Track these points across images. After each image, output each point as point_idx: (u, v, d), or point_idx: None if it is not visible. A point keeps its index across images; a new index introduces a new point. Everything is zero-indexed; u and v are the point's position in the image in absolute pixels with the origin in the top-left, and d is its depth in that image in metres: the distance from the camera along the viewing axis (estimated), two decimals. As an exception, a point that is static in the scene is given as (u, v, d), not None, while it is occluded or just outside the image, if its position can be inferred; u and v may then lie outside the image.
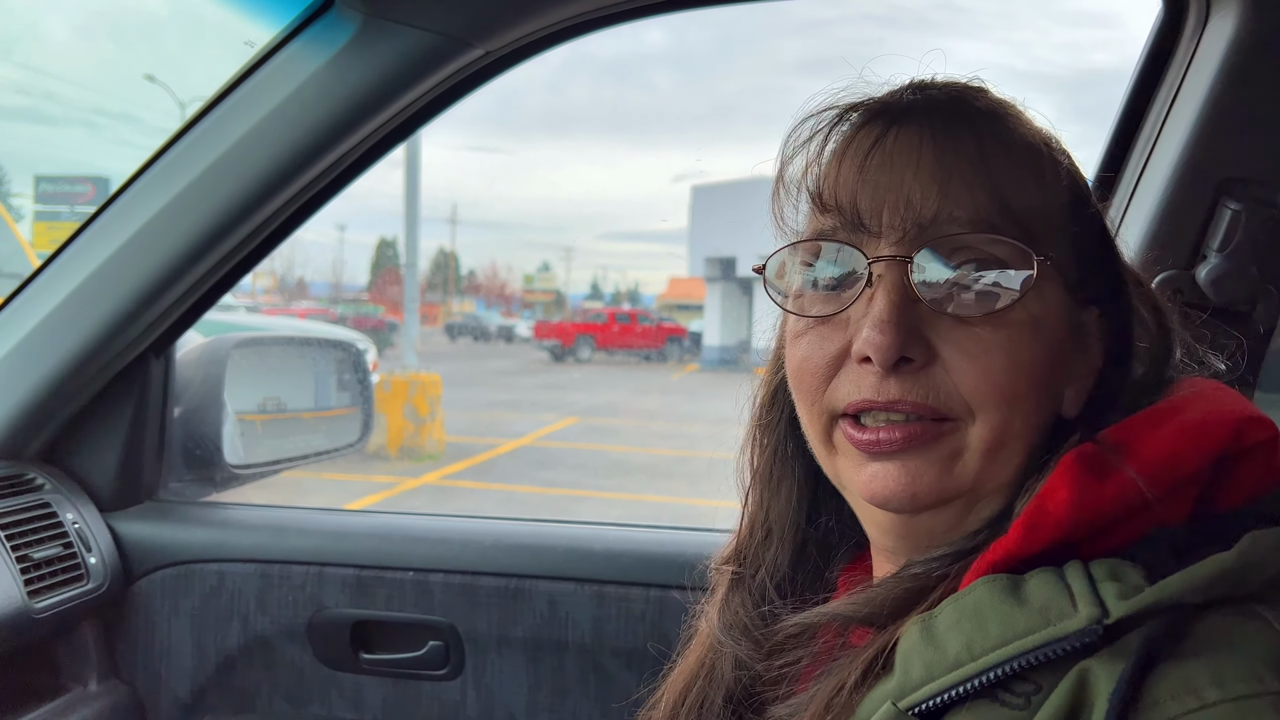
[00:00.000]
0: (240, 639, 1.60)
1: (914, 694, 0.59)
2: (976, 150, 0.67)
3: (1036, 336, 0.67)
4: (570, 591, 1.47)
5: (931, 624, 0.61)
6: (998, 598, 0.60)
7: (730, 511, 0.92)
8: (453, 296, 71.07)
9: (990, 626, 0.58)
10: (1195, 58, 1.24)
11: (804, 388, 0.73)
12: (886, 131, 0.69)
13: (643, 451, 12.15)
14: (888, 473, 0.68)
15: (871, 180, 0.68)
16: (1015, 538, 0.63)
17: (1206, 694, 0.52)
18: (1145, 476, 0.61)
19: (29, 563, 1.43)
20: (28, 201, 23.62)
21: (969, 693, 0.57)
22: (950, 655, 0.58)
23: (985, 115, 0.70)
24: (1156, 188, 1.25)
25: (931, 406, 0.67)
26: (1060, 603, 0.57)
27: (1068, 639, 0.56)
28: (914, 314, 0.66)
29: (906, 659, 0.61)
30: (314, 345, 2.59)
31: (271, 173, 1.41)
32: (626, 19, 1.37)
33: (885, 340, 0.65)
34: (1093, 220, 0.73)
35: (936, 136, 0.68)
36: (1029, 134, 0.71)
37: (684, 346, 32.63)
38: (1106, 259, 0.73)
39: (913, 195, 0.67)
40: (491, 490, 9.61)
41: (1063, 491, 0.62)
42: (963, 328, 0.66)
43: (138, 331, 1.54)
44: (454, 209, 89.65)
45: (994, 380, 0.66)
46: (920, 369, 0.67)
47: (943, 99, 0.71)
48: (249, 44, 1.38)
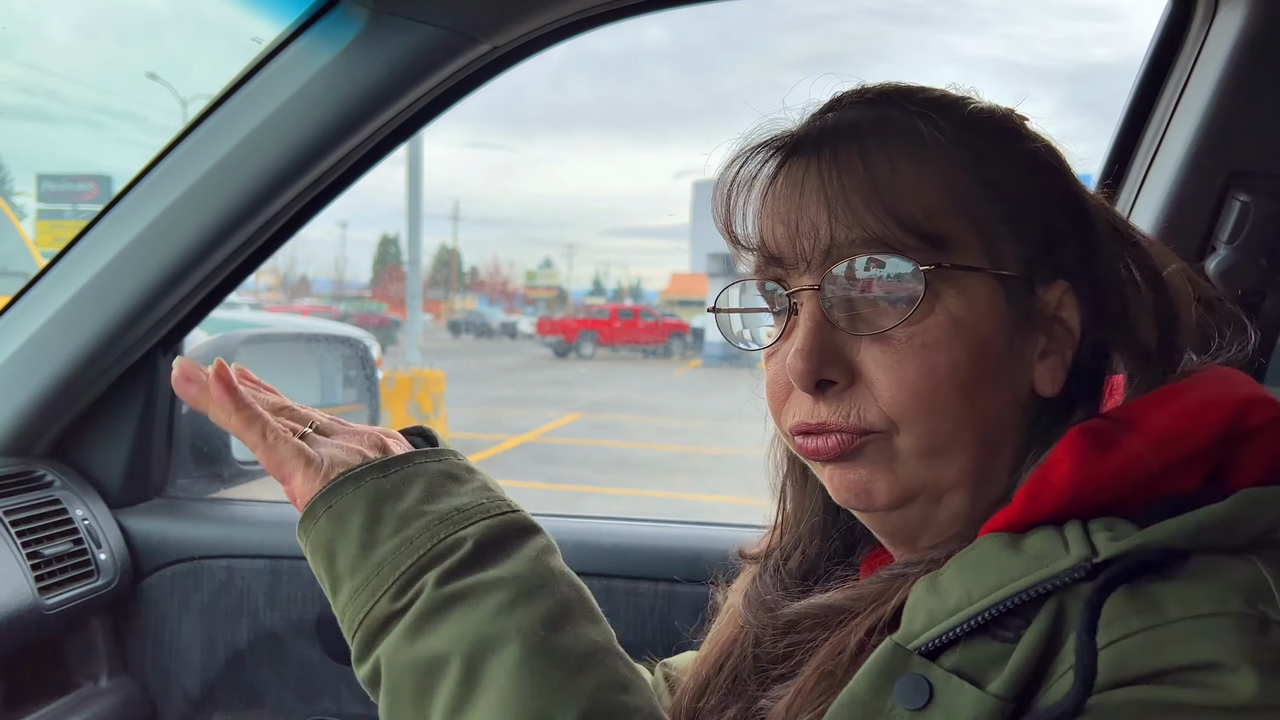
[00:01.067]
0: (250, 635, 1.61)
1: (915, 641, 0.61)
2: (862, 167, 0.69)
3: (956, 338, 0.68)
4: (579, 586, 1.47)
5: (936, 579, 0.64)
6: (997, 549, 0.62)
7: (733, 506, 0.92)
8: (455, 293, 71.09)
9: (988, 574, 0.61)
10: (1203, 50, 1.24)
11: (772, 410, 0.77)
12: (782, 164, 0.72)
13: (646, 447, 12.16)
14: (843, 475, 0.71)
15: (774, 214, 0.72)
16: (1017, 505, 0.64)
17: (1170, 611, 0.55)
18: (1149, 450, 0.62)
19: (39, 559, 1.44)
20: (30, 200, 23.68)
21: (966, 632, 0.60)
22: (951, 602, 0.61)
23: (874, 128, 0.71)
24: (1165, 180, 1.25)
25: (853, 424, 0.69)
26: (1055, 549, 0.60)
27: (1056, 576, 0.58)
28: (833, 338, 0.70)
29: (911, 612, 0.63)
30: (320, 342, 2.60)
31: (279, 169, 1.42)
32: (632, 14, 1.37)
33: (800, 366, 0.69)
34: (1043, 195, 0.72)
35: (823, 161, 0.70)
36: (923, 133, 0.70)
37: (687, 342, 32.63)
38: (1076, 230, 0.72)
39: (810, 224, 0.70)
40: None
41: (1065, 463, 0.63)
42: (880, 343, 0.69)
43: (146, 328, 1.55)
44: (456, 206, 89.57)
45: (909, 390, 0.68)
46: (844, 390, 0.70)
47: (833, 120, 0.73)
48: (256, 40, 1.38)
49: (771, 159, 0.74)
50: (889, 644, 0.61)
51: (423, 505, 0.75)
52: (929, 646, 0.60)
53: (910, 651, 0.60)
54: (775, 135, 0.75)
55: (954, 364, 0.68)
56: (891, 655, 0.61)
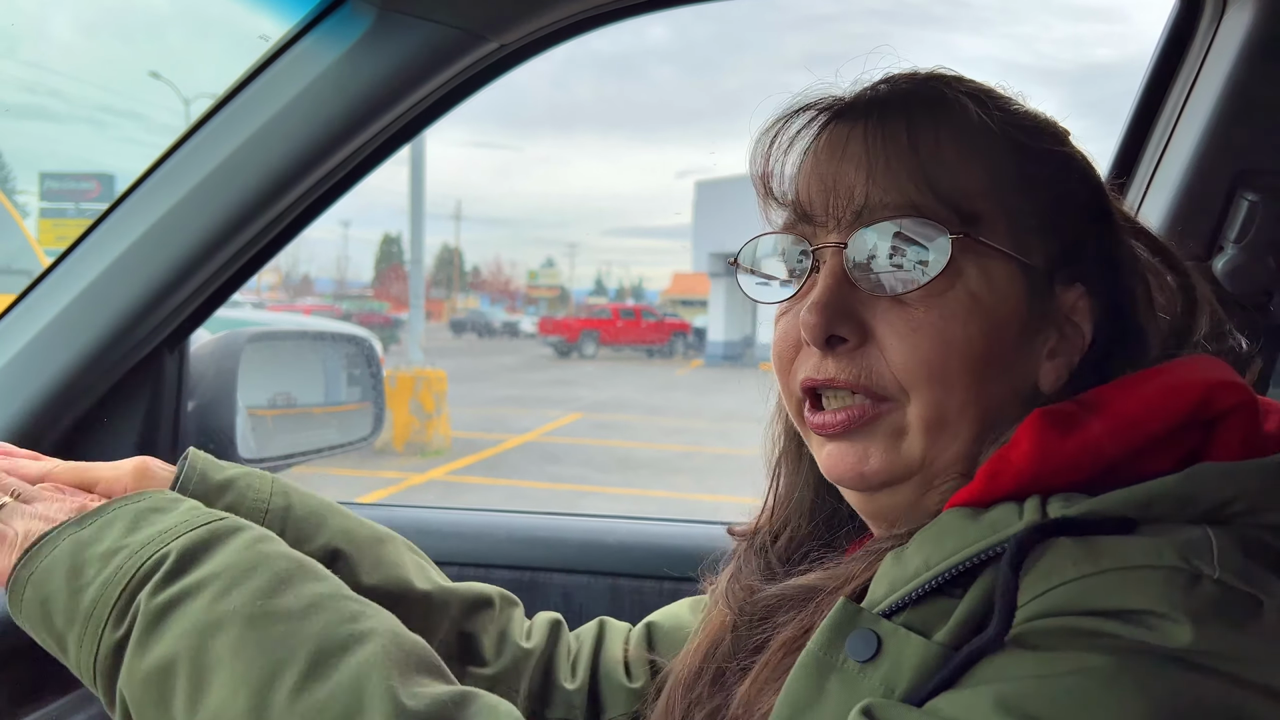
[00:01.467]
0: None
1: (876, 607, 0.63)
2: (906, 138, 0.71)
3: (974, 315, 0.69)
4: (584, 584, 1.47)
5: (902, 552, 0.66)
6: (958, 521, 0.64)
7: (736, 506, 0.93)
8: (457, 293, 71.13)
9: (946, 542, 0.63)
10: (1211, 49, 1.24)
11: (777, 369, 0.78)
12: (825, 127, 0.75)
13: (648, 447, 12.17)
14: (841, 452, 0.73)
15: (812, 173, 0.74)
16: (977, 483, 0.66)
17: (1104, 562, 0.56)
18: (1109, 430, 0.63)
19: (45, 556, 1.44)
20: (34, 198, 23.73)
21: (921, 594, 0.62)
22: (910, 570, 0.63)
23: (922, 104, 0.73)
24: (1173, 179, 1.25)
25: (865, 385, 0.71)
26: (1010, 518, 0.62)
27: (1007, 540, 0.60)
28: (850, 297, 0.71)
29: (877, 583, 0.65)
30: (326, 340, 2.59)
31: (285, 167, 1.42)
32: (637, 12, 1.37)
33: (814, 320, 0.70)
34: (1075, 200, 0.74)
35: (869, 127, 0.72)
36: (973, 119, 0.72)
37: (689, 342, 32.65)
38: (1101, 241, 0.74)
39: (846, 185, 0.72)
40: (498, 485, 9.63)
41: (1025, 444, 0.65)
42: (898, 308, 0.70)
43: (152, 326, 1.55)
44: (458, 205, 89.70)
45: (921, 358, 0.69)
46: (855, 349, 0.71)
47: (885, 91, 0.75)
48: (263, 38, 1.38)
49: (816, 119, 0.76)
50: (842, 603, 0.63)
51: (124, 539, 0.76)
52: (886, 610, 0.62)
53: (862, 609, 0.63)
54: (822, 97, 0.77)
55: (968, 339, 0.69)
56: (843, 612, 0.63)
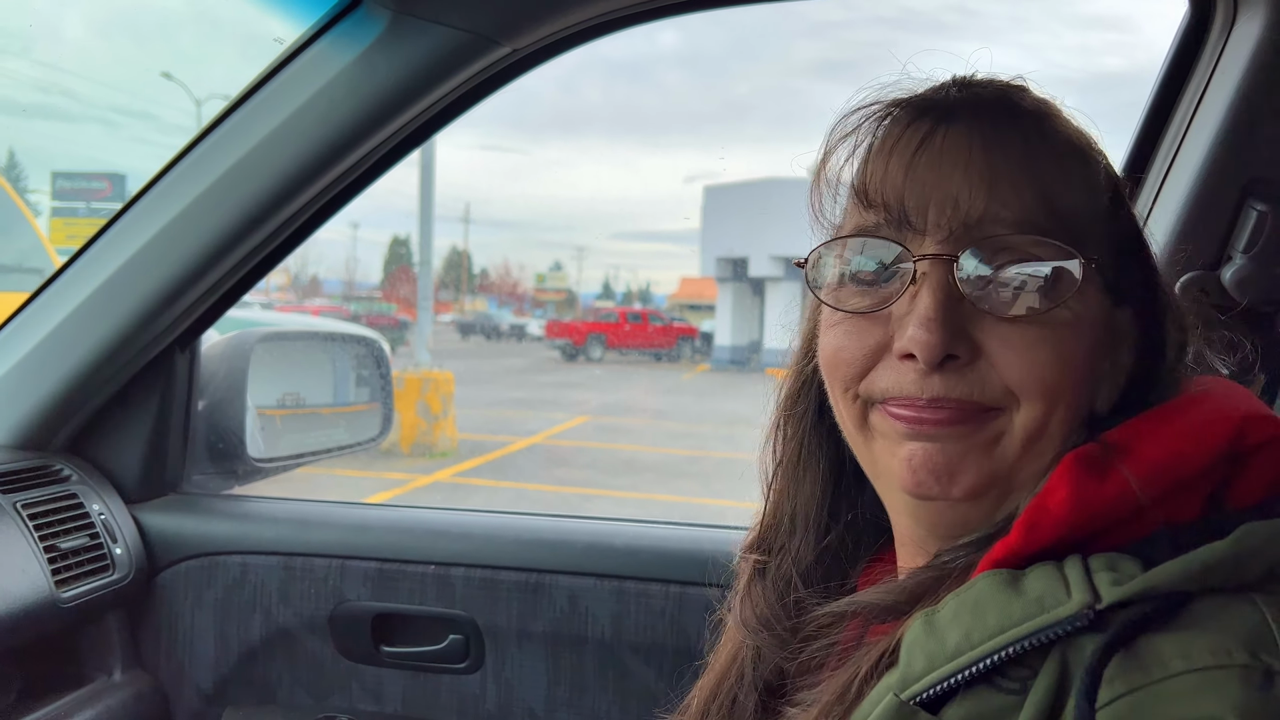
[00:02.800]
0: (262, 630, 1.62)
1: (915, 685, 0.60)
2: (1023, 150, 0.68)
3: (1078, 334, 0.68)
4: (590, 587, 1.47)
5: (933, 617, 0.62)
6: (997, 590, 0.61)
7: (741, 511, 0.93)
8: (465, 295, 71.16)
9: (988, 617, 0.59)
10: (1222, 58, 1.24)
11: (839, 376, 0.73)
12: (935, 129, 0.70)
13: (654, 450, 12.15)
14: (926, 453, 0.68)
15: (919, 178, 0.69)
16: (1016, 536, 0.63)
17: (1172, 665, 0.54)
18: (1143, 478, 0.62)
19: (56, 553, 1.45)
20: (45, 197, 23.81)
21: (967, 680, 0.58)
22: (950, 645, 0.60)
23: (1030, 115, 0.70)
24: (1182, 188, 1.25)
25: (976, 401, 0.67)
26: (1056, 592, 0.59)
27: (1060, 624, 0.57)
28: (958, 312, 0.67)
29: (910, 651, 0.62)
30: (335, 341, 2.61)
31: (298, 169, 1.43)
32: (649, 18, 1.38)
33: (932, 339, 0.66)
34: (1128, 221, 0.74)
35: (984, 136, 0.68)
36: (1071, 134, 0.71)
37: (695, 346, 32.62)
38: (1141, 259, 0.74)
39: (960, 195, 0.67)
40: (504, 488, 9.63)
41: (1062, 491, 0.63)
42: (1008, 325, 0.67)
43: (164, 325, 1.56)
44: (467, 208, 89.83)
45: (1039, 373, 0.66)
46: (964, 365, 0.67)
47: (989, 97, 0.72)
48: (278, 40, 1.39)
49: (919, 120, 0.71)
50: (892, 701, 0.60)
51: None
52: (929, 695, 0.59)
53: (915, 709, 0.59)
54: (921, 96, 0.73)
55: (1077, 355, 0.68)
56: (897, 713, 0.60)
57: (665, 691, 1.47)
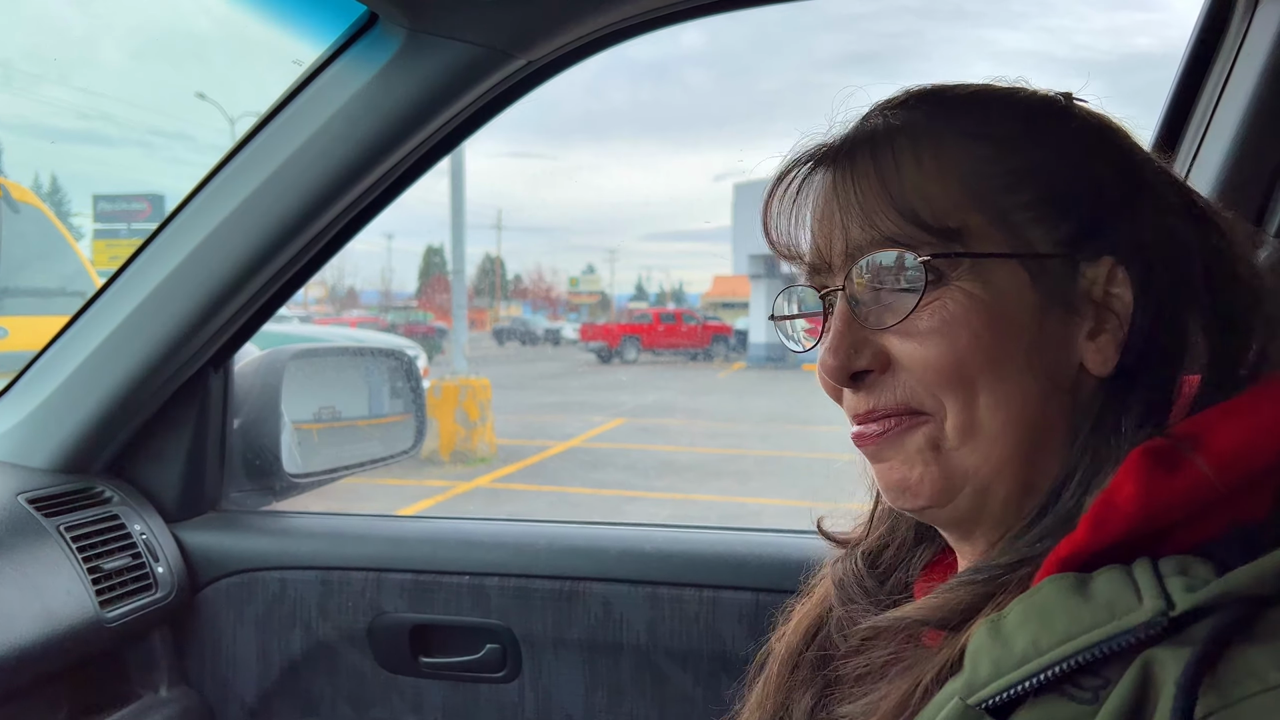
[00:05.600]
0: (303, 644, 1.64)
1: (982, 691, 0.59)
2: (874, 172, 0.73)
3: (974, 315, 0.70)
4: (624, 593, 1.48)
5: (1000, 623, 0.62)
6: (1064, 595, 0.60)
7: (778, 510, 0.94)
8: (500, 301, 71.56)
9: (1056, 623, 0.58)
10: (1246, 41, 1.22)
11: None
12: (809, 175, 0.78)
13: (691, 451, 12.14)
14: (886, 471, 0.75)
15: (806, 224, 0.78)
16: (1083, 534, 0.62)
17: (1270, 677, 0.52)
18: (1215, 469, 0.60)
19: (100, 574, 1.48)
20: (87, 220, 24.33)
21: (1036, 687, 0.57)
22: (1017, 652, 0.59)
23: (887, 135, 0.74)
24: (1210, 174, 1.23)
25: (904, 404, 0.73)
26: (1126, 597, 0.57)
27: (1133, 631, 0.55)
28: (860, 332, 0.74)
29: (975, 658, 0.61)
30: (367, 355, 2.64)
31: (322, 187, 1.44)
32: (665, 24, 1.38)
33: (833, 361, 0.74)
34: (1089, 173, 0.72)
35: (839, 169, 0.75)
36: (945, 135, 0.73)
37: (730, 345, 32.49)
38: (1127, 206, 0.71)
39: (832, 229, 0.75)
40: (543, 492, 9.67)
41: (1130, 486, 0.61)
42: (903, 332, 0.72)
43: (197, 346, 1.58)
44: (499, 215, 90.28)
45: (934, 368, 0.70)
46: (881, 376, 0.73)
47: (853, 132, 0.77)
48: (297, 63, 1.41)
49: (801, 171, 0.79)
50: (958, 705, 0.60)
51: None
52: (996, 701, 0.58)
53: (982, 713, 0.59)
54: (807, 150, 0.80)
55: (975, 338, 0.70)
56: (963, 718, 0.59)
57: (701, 696, 1.47)
